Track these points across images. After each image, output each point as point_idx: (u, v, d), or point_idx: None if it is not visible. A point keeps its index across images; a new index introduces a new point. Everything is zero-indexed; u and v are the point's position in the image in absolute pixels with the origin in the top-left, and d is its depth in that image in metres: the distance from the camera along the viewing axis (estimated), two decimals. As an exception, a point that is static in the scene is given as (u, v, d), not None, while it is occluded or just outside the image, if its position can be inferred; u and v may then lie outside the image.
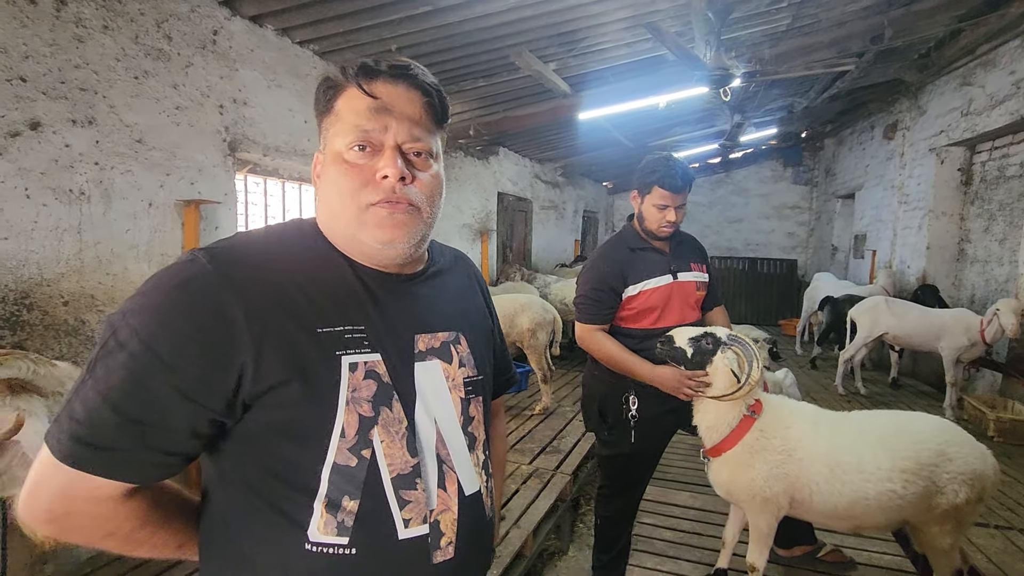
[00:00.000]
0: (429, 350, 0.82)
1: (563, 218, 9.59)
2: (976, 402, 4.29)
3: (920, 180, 6.29)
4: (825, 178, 10.53)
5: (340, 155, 0.76)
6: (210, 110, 2.91)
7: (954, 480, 1.76)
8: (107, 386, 0.64)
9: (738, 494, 1.95)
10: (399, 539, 0.74)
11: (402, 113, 0.77)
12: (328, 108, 0.78)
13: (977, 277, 5.65)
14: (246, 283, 0.70)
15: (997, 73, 4.93)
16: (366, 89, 0.75)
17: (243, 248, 0.75)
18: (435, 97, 0.80)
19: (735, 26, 4.24)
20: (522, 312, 4.27)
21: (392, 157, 0.75)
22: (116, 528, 0.71)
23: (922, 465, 1.76)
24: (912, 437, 1.82)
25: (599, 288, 2.08)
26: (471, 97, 4.84)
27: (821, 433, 1.88)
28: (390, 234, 0.76)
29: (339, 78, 0.77)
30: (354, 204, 0.75)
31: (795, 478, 1.84)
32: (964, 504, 1.76)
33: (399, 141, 0.76)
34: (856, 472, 1.78)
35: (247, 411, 0.70)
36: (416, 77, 0.78)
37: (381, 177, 0.75)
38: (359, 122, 0.75)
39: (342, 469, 0.71)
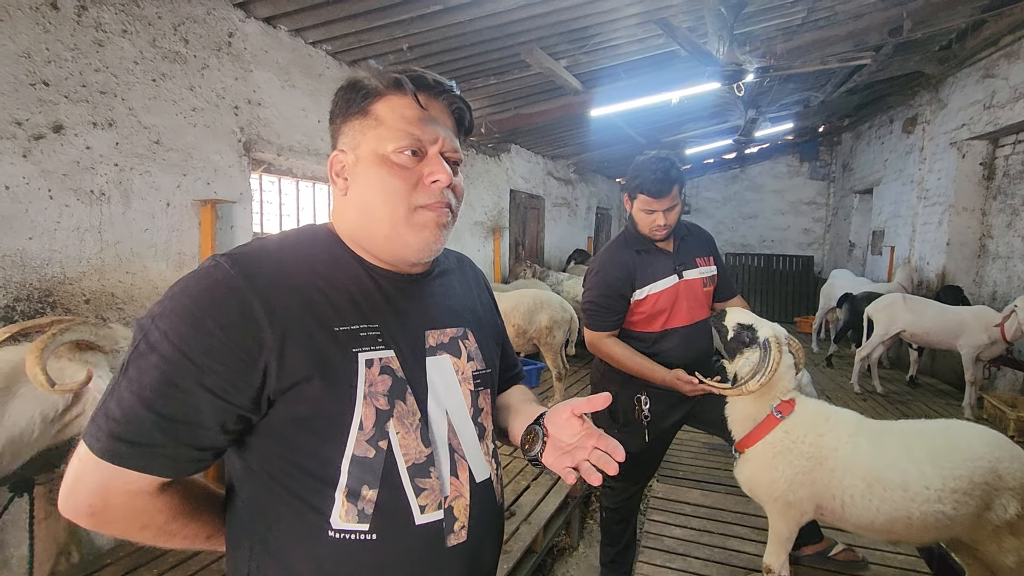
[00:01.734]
0: (439, 345, 0.87)
1: (576, 215, 9.57)
2: (996, 401, 4.21)
3: (940, 175, 6.16)
4: (842, 173, 10.36)
5: (386, 157, 0.80)
6: (225, 111, 2.96)
7: (1002, 495, 1.66)
8: (141, 386, 0.69)
9: (759, 493, 1.93)
10: (416, 525, 0.78)
11: (445, 125, 0.85)
12: (363, 111, 0.82)
13: (999, 274, 5.53)
14: (268, 286, 0.74)
15: (1021, 65, 4.81)
16: (420, 100, 0.82)
17: (263, 253, 0.79)
18: (465, 113, 0.89)
19: (748, 21, 4.19)
20: (541, 309, 4.27)
21: (441, 162, 0.82)
22: (150, 520, 0.75)
23: (975, 484, 1.65)
24: (964, 454, 1.70)
25: (608, 295, 2.07)
26: (482, 95, 4.85)
27: (861, 445, 1.78)
28: (434, 236, 0.83)
29: (380, 85, 0.81)
30: (404, 205, 0.80)
31: (824, 487, 1.79)
32: (1015, 519, 1.66)
33: (443, 150, 0.83)
34: (900, 490, 1.69)
35: (272, 407, 0.74)
36: (453, 93, 0.87)
37: (431, 181, 0.81)
38: (411, 130, 0.81)
39: (361, 460, 0.76)
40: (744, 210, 11.78)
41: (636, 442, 2.19)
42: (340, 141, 0.85)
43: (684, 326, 2.12)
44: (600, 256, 2.18)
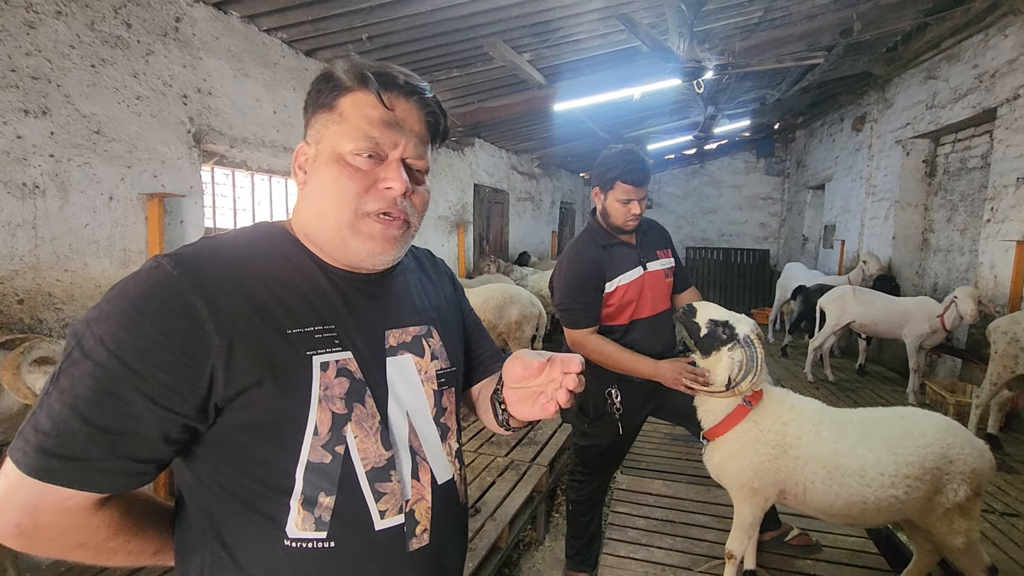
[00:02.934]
0: (400, 345, 0.84)
1: (540, 210, 9.59)
2: (937, 387, 4.44)
3: (887, 171, 6.44)
4: (796, 169, 10.73)
5: (341, 157, 0.77)
6: (173, 100, 2.82)
7: (953, 480, 1.73)
8: (73, 396, 0.64)
9: (727, 480, 1.96)
10: (376, 530, 0.76)
11: (412, 130, 0.80)
12: (329, 105, 0.78)
13: (940, 266, 5.83)
14: (214, 287, 0.70)
15: (960, 67, 5.06)
16: (385, 100, 0.77)
17: (209, 253, 0.75)
18: (438, 117, 0.84)
19: (708, 18, 4.26)
20: (511, 304, 4.26)
21: (398, 170, 0.78)
22: (88, 538, 0.71)
23: (926, 470, 1.73)
24: (917, 441, 1.77)
25: (583, 290, 2.07)
26: (445, 88, 4.78)
27: (823, 434, 1.83)
28: (380, 247, 0.79)
29: (348, 80, 0.77)
30: (351, 208, 0.77)
31: (787, 474, 1.83)
32: (964, 501, 1.75)
33: (405, 156, 0.79)
34: (858, 476, 1.75)
35: (219, 415, 0.71)
36: (426, 95, 0.82)
37: (385, 188, 0.77)
38: (371, 131, 0.76)
39: (316, 466, 0.73)
40: (704, 205, 12.06)
41: (607, 435, 2.21)
42: (308, 132, 0.81)
43: (649, 316, 2.15)
44: (567, 255, 2.16)
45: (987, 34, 4.67)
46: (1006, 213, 4.33)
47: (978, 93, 4.78)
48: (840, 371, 5.65)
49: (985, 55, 4.70)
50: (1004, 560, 2.32)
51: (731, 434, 1.91)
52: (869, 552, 2.47)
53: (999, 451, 3.48)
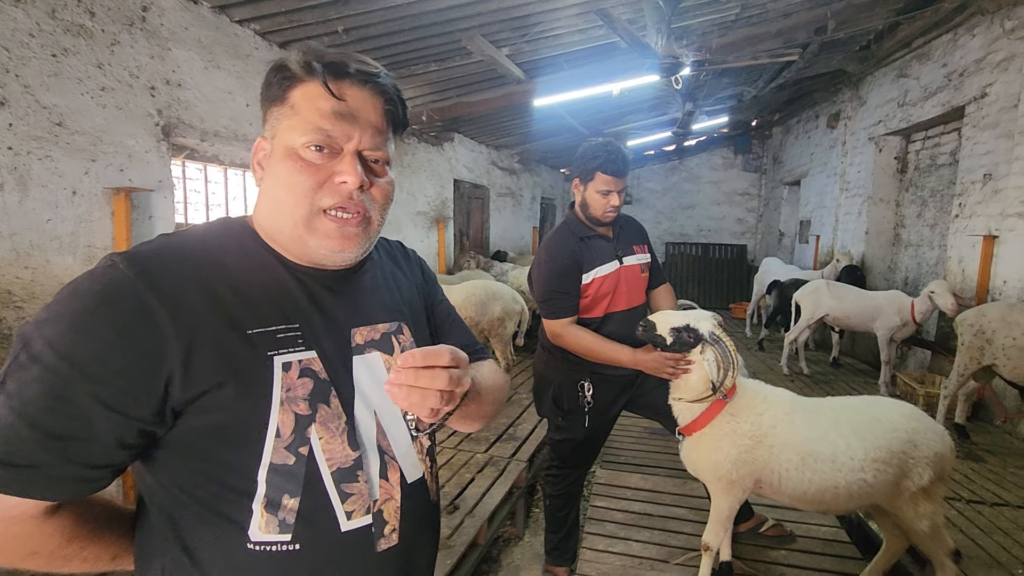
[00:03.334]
0: (368, 343, 0.83)
1: (520, 205, 9.58)
2: (907, 378, 4.56)
3: (860, 168, 6.57)
4: (773, 165, 10.88)
5: (294, 151, 0.74)
6: (140, 92, 2.74)
7: (918, 464, 1.80)
8: (22, 401, 0.62)
9: (704, 474, 1.98)
10: (342, 531, 0.75)
11: (367, 120, 0.76)
12: (281, 97, 0.76)
13: (910, 260, 5.97)
14: (170, 287, 0.68)
15: (931, 66, 5.17)
16: (333, 90, 0.74)
17: (166, 251, 0.73)
18: (398, 105, 0.81)
19: (685, 15, 4.28)
20: (494, 300, 4.24)
21: (353, 163, 0.75)
22: (40, 547, 0.68)
23: (893, 453, 1.79)
24: (884, 426, 1.83)
25: (563, 279, 2.07)
26: (423, 82, 4.73)
27: (795, 422, 1.87)
28: (339, 245, 0.77)
29: (299, 70, 0.75)
30: (306, 205, 0.74)
31: (763, 463, 1.86)
32: (929, 485, 1.81)
33: (361, 148, 0.77)
34: (830, 462, 1.80)
35: (178, 418, 0.69)
36: (383, 84, 0.78)
37: (340, 182, 0.74)
38: (321, 123, 0.74)
39: (279, 468, 0.71)
40: (682, 200, 12.18)
41: (580, 429, 2.22)
42: (264, 127, 0.79)
43: (624, 310, 2.16)
44: (546, 246, 2.17)
45: (956, 34, 4.78)
46: (973, 209, 4.44)
47: (947, 91, 4.89)
48: (815, 364, 5.76)
49: (954, 54, 4.81)
50: (971, 546, 2.38)
51: (708, 428, 1.92)
52: (841, 541, 2.52)
53: (966, 440, 3.58)
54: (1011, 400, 3.83)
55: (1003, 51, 4.16)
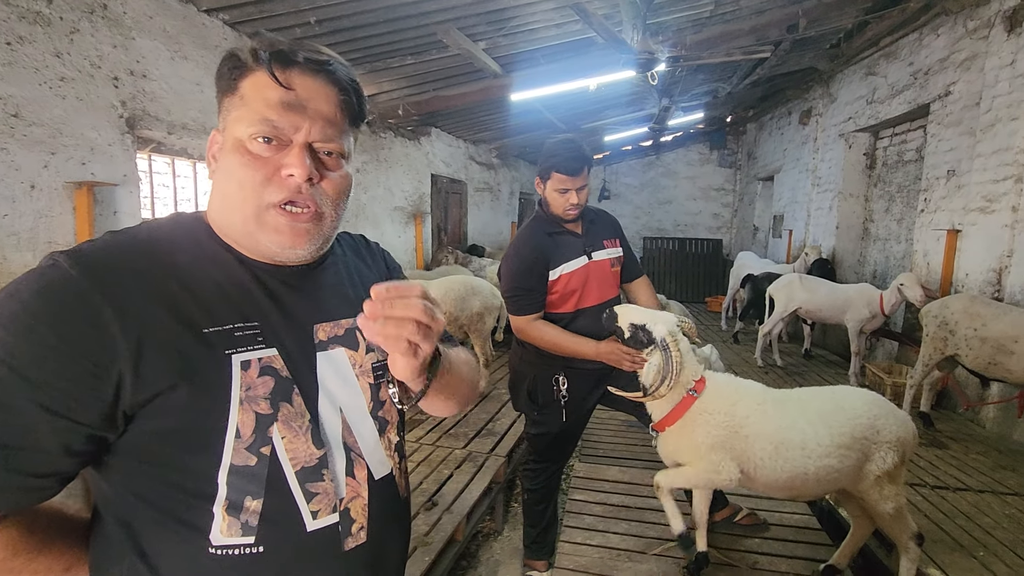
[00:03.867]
0: (331, 339, 0.81)
1: (499, 200, 9.56)
2: (876, 369, 4.68)
3: (831, 164, 6.71)
4: (747, 161, 11.05)
5: (242, 143, 0.72)
6: (102, 82, 2.64)
7: (881, 448, 1.87)
8: None
9: (683, 458, 2.01)
10: (308, 531, 0.73)
11: (317, 111, 0.73)
12: (232, 87, 0.73)
13: (878, 254, 6.13)
14: (118, 286, 0.65)
15: (898, 64, 5.30)
16: (279, 79, 0.71)
17: (113, 247, 0.70)
18: (353, 95, 0.77)
19: (660, 11, 4.31)
20: (473, 295, 4.21)
21: (300, 155, 0.72)
22: None
23: (856, 439, 1.85)
24: (848, 413, 1.90)
25: (528, 276, 2.07)
26: (399, 75, 4.67)
27: (768, 412, 1.92)
28: (290, 240, 0.74)
29: (247, 58, 0.72)
30: (254, 200, 0.72)
31: (740, 453, 1.89)
32: (893, 469, 1.88)
33: (311, 140, 0.73)
34: (800, 449, 1.85)
35: (131, 422, 0.66)
36: (335, 73, 0.75)
37: (287, 175, 0.72)
38: (267, 114, 0.71)
39: (241, 470, 0.69)
40: (659, 196, 12.30)
41: (555, 422, 2.23)
42: (219, 118, 0.76)
43: (595, 305, 2.17)
44: (514, 243, 2.18)
45: (921, 33, 4.90)
46: (938, 204, 4.58)
47: (913, 89, 5.02)
48: (787, 356, 5.88)
49: (919, 53, 4.93)
50: (935, 531, 2.46)
51: (680, 422, 1.95)
52: (813, 528, 2.58)
53: (931, 428, 3.70)
54: (973, 389, 3.97)
55: (966, 51, 4.28)
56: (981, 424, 3.89)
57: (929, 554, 2.27)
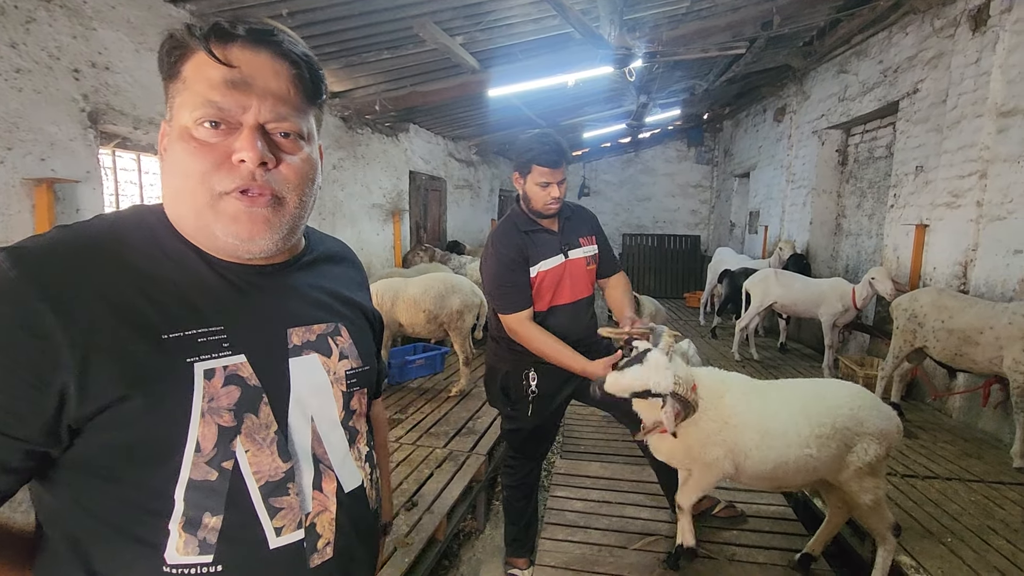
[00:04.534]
0: (305, 344, 0.77)
1: (479, 197, 9.51)
2: (848, 361, 4.78)
3: (804, 160, 6.82)
4: (724, 158, 11.19)
5: (187, 130, 0.66)
6: (61, 75, 2.54)
7: (863, 439, 1.88)
8: None
9: (680, 458, 2.02)
10: (271, 548, 0.69)
11: (265, 88, 0.67)
12: (173, 72, 0.67)
13: (851, 249, 6.26)
14: (64, 288, 0.60)
15: (868, 62, 5.40)
16: (218, 56, 0.65)
17: (61, 245, 0.64)
18: (305, 68, 0.70)
19: (637, 6, 4.32)
20: (453, 293, 4.17)
21: (251, 138, 0.66)
22: None
23: (836, 429, 1.86)
24: (828, 403, 1.91)
25: (513, 272, 2.05)
26: (375, 70, 4.60)
27: (752, 402, 1.93)
28: (248, 230, 0.68)
29: (184, 37, 0.66)
30: (204, 190, 0.66)
31: (732, 444, 1.90)
32: (875, 460, 1.89)
33: (261, 120, 0.67)
34: (782, 438, 1.87)
35: (77, 435, 0.62)
36: (282, 44, 0.68)
37: (238, 161, 0.66)
38: (210, 95, 0.65)
39: (200, 485, 0.65)
40: (639, 192, 12.39)
41: (527, 418, 2.21)
42: (167, 108, 0.70)
43: (568, 303, 2.16)
44: (491, 242, 2.14)
45: (891, 31, 5.01)
46: (907, 199, 4.69)
47: (883, 87, 5.12)
48: (764, 349, 5.97)
49: (889, 51, 5.03)
50: (905, 519, 2.52)
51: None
52: (789, 519, 2.62)
53: (901, 418, 3.78)
54: (940, 379, 4.08)
55: (933, 49, 4.39)
56: (948, 414, 4.00)
57: (900, 542, 2.32)
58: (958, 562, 2.19)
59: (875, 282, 4.27)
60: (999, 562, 2.19)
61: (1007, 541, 2.33)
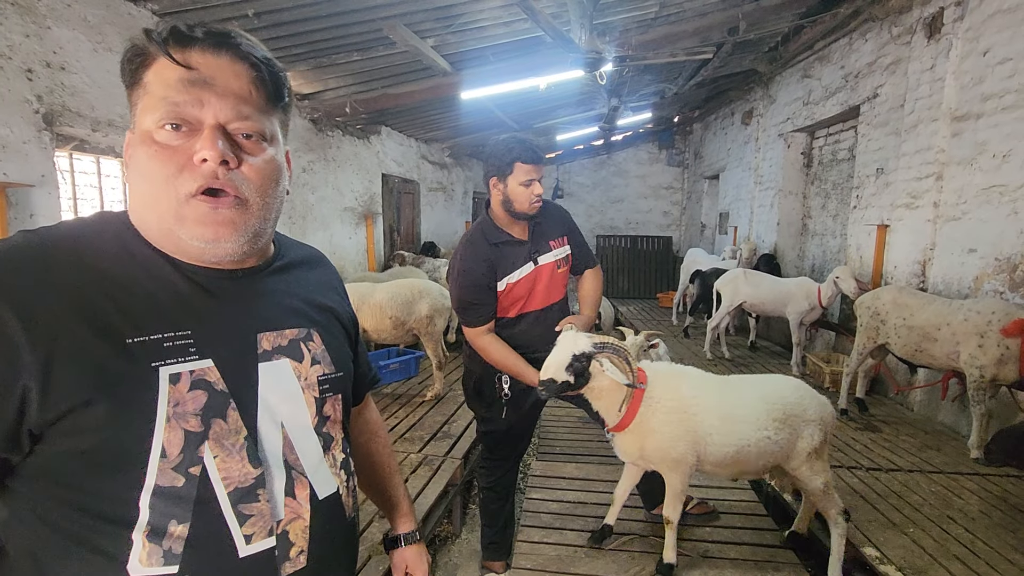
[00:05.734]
0: (276, 349, 0.76)
1: (452, 200, 9.48)
2: (815, 358, 4.91)
3: (771, 162, 6.99)
4: (694, 160, 11.38)
5: (149, 135, 0.66)
6: (13, 75, 2.45)
7: (808, 425, 2.08)
8: None
9: (651, 457, 2.09)
10: (240, 557, 0.69)
11: (226, 87, 0.68)
12: (135, 80, 0.68)
13: (816, 248, 6.43)
14: (25, 292, 0.60)
15: (831, 67, 5.57)
16: (177, 59, 0.65)
17: (24, 249, 0.63)
18: (265, 71, 0.71)
19: (607, 11, 4.36)
20: (421, 299, 4.13)
21: (212, 137, 0.66)
22: None
23: (787, 415, 2.05)
24: (778, 393, 2.11)
25: (478, 289, 2.06)
26: (345, 72, 4.55)
27: (710, 391, 2.09)
28: (213, 232, 0.68)
29: (144, 43, 0.66)
30: (169, 194, 0.66)
31: (694, 432, 2.02)
32: (819, 445, 2.09)
33: (222, 120, 0.68)
34: (742, 423, 2.02)
35: (38, 442, 0.60)
36: (240, 47, 0.69)
37: (200, 160, 0.66)
38: (168, 94, 0.65)
39: (166, 491, 0.64)
40: (611, 194, 12.51)
41: (501, 419, 2.22)
42: (131, 117, 0.70)
43: (539, 309, 2.18)
44: (459, 254, 2.14)
45: (851, 38, 5.17)
46: (868, 200, 4.84)
47: (845, 92, 5.29)
48: (735, 348, 6.09)
49: (850, 57, 5.20)
50: (869, 511, 2.59)
51: (638, 419, 2.01)
52: (759, 514, 2.68)
53: (865, 412, 3.91)
54: (902, 375, 4.22)
55: (891, 55, 4.54)
56: (910, 407, 4.14)
57: (865, 533, 2.39)
58: (920, 551, 2.27)
59: (839, 281, 4.40)
60: (958, 550, 2.28)
61: (965, 529, 2.42)
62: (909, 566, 2.17)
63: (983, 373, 2.97)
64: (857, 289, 4.21)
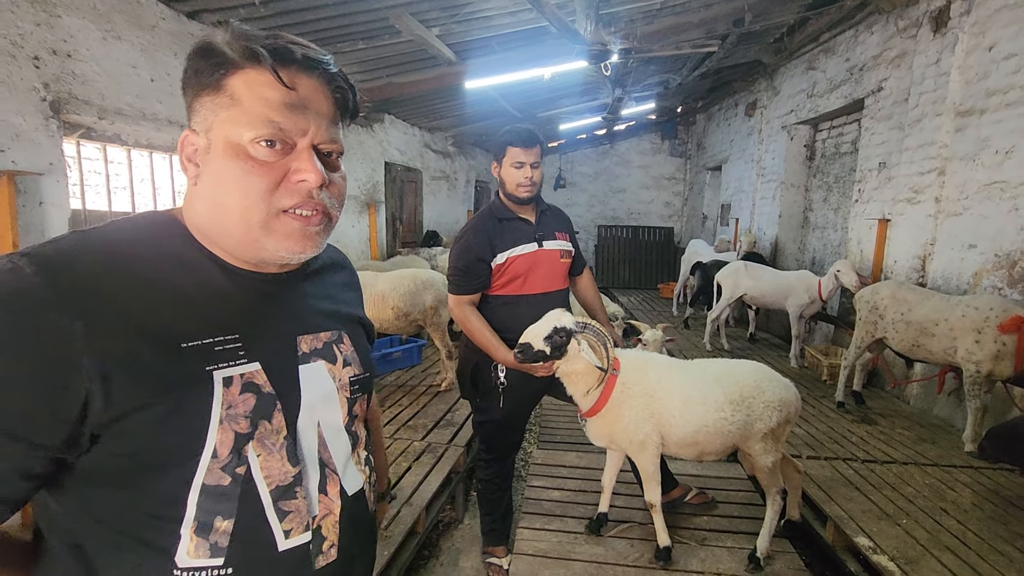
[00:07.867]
0: (313, 351, 0.79)
1: (455, 188, 9.47)
2: (814, 351, 4.96)
3: (774, 154, 6.98)
4: (697, 151, 11.36)
5: (242, 148, 0.67)
6: (22, 63, 2.45)
7: (767, 407, 2.16)
8: None
9: (618, 441, 2.20)
10: (279, 551, 0.72)
11: (319, 111, 0.71)
12: (216, 85, 0.67)
13: (817, 241, 6.45)
14: (85, 295, 0.60)
15: (835, 59, 5.55)
16: (284, 79, 0.67)
17: (80, 251, 0.64)
18: (348, 93, 0.75)
19: (613, 1, 4.34)
20: (425, 289, 4.13)
21: (311, 159, 0.70)
22: None
23: (743, 397, 2.15)
24: (736, 376, 2.21)
25: (469, 260, 2.12)
26: (350, 60, 4.54)
27: (674, 375, 2.19)
28: (301, 246, 0.72)
29: (236, 55, 0.66)
30: (262, 208, 0.68)
31: (659, 415, 2.14)
32: (776, 426, 2.18)
33: (316, 141, 0.71)
34: (700, 404, 2.12)
35: (95, 442, 0.61)
36: (331, 71, 0.73)
37: (299, 180, 0.69)
38: (271, 115, 0.67)
39: (212, 490, 0.66)
40: (614, 184, 12.49)
41: (496, 410, 2.25)
42: (192, 119, 0.70)
43: (540, 293, 2.21)
44: (466, 226, 2.22)
45: (857, 30, 5.15)
46: (870, 194, 4.85)
47: (849, 84, 5.27)
48: (734, 340, 6.14)
49: (855, 49, 5.18)
50: (864, 501, 2.65)
51: (610, 403, 2.13)
52: (756, 504, 2.73)
53: (862, 405, 3.96)
54: (899, 369, 4.26)
55: (896, 48, 4.53)
56: (906, 401, 4.19)
57: (859, 523, 2.45)
58: (912, 542, 2.33)
59: (840, 275, 4.43)
60: (950, 541, 2.33)
61: (957, 521, 2.48)
62: (901, 556, 2.23)
63: (979, 368, 3.01)
64: (858, 283, 4.25)
